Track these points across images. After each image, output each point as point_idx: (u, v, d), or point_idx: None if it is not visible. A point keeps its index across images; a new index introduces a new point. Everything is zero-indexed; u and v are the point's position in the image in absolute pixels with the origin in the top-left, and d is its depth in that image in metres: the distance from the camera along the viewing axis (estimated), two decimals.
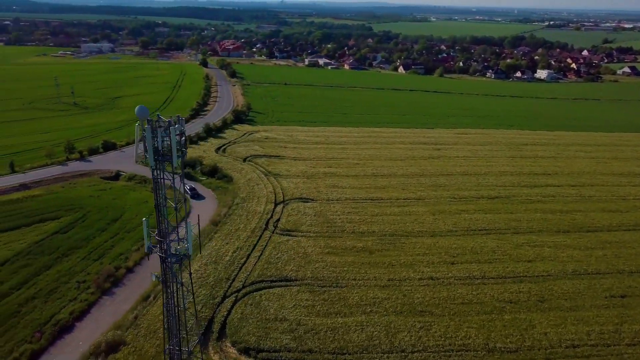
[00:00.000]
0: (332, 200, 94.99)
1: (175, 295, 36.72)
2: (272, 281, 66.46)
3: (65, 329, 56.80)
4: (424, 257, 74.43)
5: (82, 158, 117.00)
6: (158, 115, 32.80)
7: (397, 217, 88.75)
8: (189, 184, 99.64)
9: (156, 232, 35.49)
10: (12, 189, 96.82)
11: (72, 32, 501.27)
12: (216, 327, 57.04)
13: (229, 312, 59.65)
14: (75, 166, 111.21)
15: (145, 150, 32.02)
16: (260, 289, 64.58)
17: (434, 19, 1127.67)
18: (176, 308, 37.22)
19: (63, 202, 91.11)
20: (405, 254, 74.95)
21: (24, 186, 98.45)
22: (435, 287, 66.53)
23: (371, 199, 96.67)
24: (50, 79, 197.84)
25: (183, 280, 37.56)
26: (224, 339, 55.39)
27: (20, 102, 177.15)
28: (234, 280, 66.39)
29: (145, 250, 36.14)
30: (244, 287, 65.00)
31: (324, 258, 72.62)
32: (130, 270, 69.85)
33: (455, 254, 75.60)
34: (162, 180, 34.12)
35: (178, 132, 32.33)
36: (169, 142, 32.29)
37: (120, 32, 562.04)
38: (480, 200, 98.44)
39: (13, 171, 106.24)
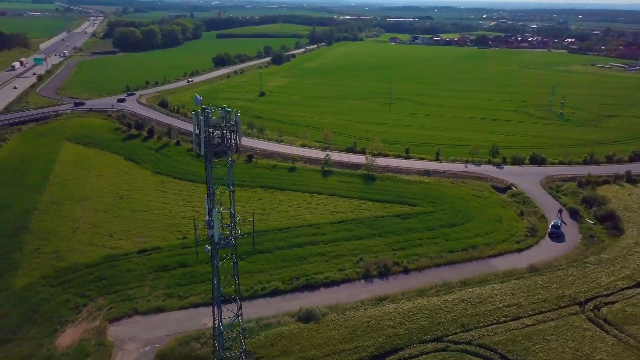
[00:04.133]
0: None
1: (217, 276, 39.34)
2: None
3: (311, 287, 66.05)
4: None
5: (498, 164, 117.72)
6: (224, 107, 35.15)
7: None
8: (558, 221, 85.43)
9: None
10: (416, 172, 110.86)
11: None
12: None
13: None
14: (483, 169, 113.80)
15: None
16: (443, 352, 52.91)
17: None
18: (217, 289, 39.70)
19: (434, 194, 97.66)
20: None
21: (426, 172, 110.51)
22: None
23: None
24: (557, 87, 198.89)
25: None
26: None
27: (515, 105, 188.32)
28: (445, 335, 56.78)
29: (206, 225, 39.70)
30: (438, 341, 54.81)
31: None
32: (406, 271, 70.75)
33: None
34: (211, 169, 36.45)
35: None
36: (220, 135, 34.58)
37: None
38: None
39: (437, 159, 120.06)
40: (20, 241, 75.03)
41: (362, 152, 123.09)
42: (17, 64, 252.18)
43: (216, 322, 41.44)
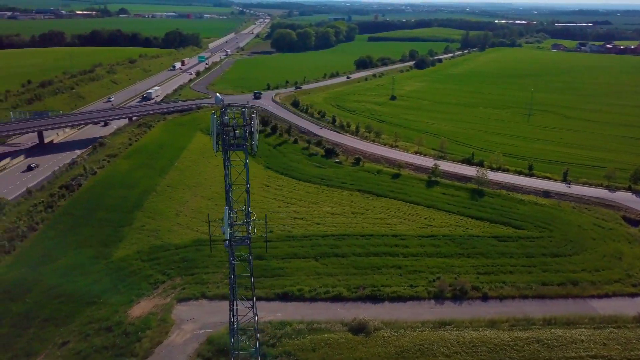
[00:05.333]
0: None
1: (234, 272, 39.69)
2: None
3: (375, 299, 63.94)
4: None
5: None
6: (242, 108, 35.35)
7: None
8: None
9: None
10: (533, 192, 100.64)
11: None
12: None
13: None
14: (618, 196, 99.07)
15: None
16: None
17: None
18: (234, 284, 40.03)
19: (546, 218, 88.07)
20: None
21: (545, 193, 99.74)
22: None
23: None
24: None
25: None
26: None
27: None
28: None
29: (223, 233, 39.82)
30: None
31: None
32: (484, 298, 64.75)
33: None
34: (230, 166, 36.84)
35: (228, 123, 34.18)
36: (236, 131, 35.00)
37: None
38: None
39: (564, 179, 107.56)
40: (132, 217, 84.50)
41: (480, 164, 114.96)
42: (178, 64, 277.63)
43: (233, 319, 42.11)
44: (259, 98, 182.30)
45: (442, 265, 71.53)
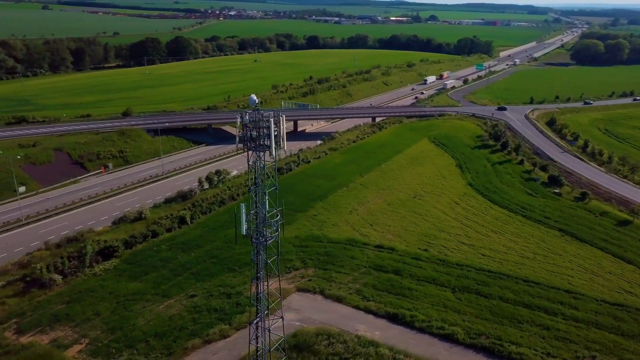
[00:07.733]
0: None
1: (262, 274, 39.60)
2: None
3: (492, 354, 54.37)
4: None
5: None
6: (259, 109, 35.25)
7: None
8: None
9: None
10: None
11: None
12: None
13: None
14: None
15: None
16: None
17: None
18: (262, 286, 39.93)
19: None
20: None
21: None
22: None
23: None
24: None
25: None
26: None
27: None
28: None
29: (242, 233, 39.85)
30: None
31: None
32: None
33: None
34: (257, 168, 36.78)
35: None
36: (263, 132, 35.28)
37: None
38: None
39: None
40: (310, 206, 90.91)
41: None
42: (431, 78, 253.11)
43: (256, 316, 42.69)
44: (504, 109, 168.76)
45: (608, 344, 55.29)
